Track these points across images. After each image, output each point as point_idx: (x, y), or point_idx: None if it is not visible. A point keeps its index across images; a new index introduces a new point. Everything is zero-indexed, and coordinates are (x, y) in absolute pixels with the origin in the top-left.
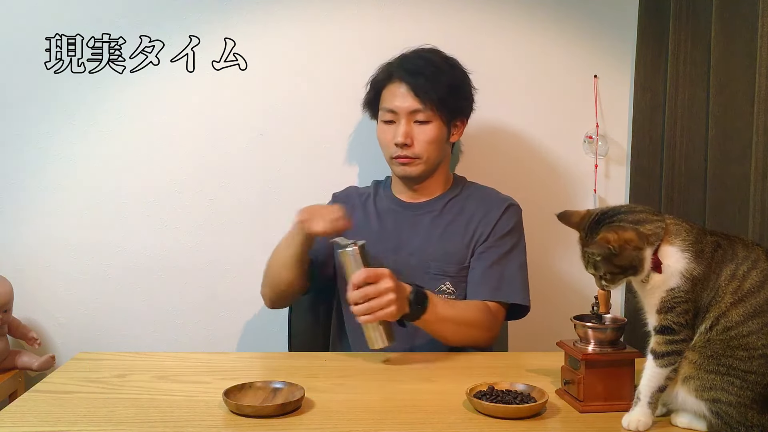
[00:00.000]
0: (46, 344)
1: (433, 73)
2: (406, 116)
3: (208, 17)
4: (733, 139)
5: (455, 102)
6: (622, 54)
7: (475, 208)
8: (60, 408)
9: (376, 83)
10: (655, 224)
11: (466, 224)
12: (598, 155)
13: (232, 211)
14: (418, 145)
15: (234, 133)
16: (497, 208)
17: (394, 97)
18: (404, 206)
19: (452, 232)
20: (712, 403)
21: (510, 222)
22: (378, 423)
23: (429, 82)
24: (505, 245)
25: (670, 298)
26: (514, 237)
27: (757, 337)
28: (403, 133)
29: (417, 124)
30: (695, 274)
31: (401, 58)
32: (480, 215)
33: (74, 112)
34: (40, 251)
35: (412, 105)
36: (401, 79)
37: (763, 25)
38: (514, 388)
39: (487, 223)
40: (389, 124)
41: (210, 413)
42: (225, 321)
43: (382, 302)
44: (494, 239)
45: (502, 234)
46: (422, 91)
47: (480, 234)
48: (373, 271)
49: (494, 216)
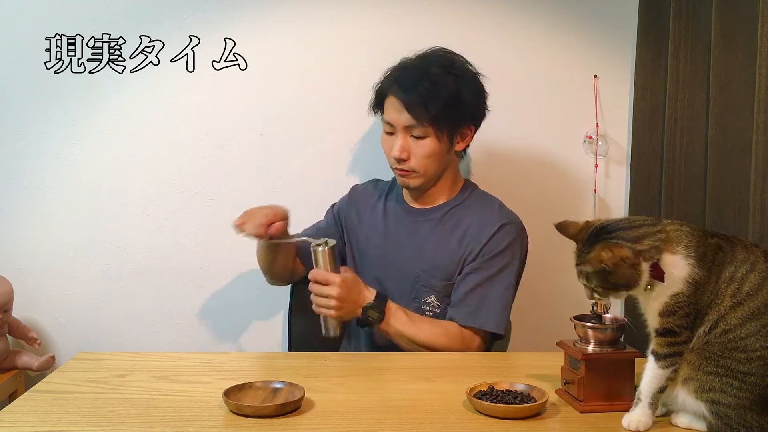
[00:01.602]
0: (46, 344)
1: (429, 89)
2: (402, 130)
3: (208, 17)
4: (733, 139)
5: (455, 114)
6: (622, 54)
7: (472, 221)
8: (60, 408)
9: (379, 93)
10: (655, 237)
11: (460, 238)
12: (598, 155)
13: (232, 211)
14: (415, 160)
15: (234, 133)
16: (491, 225)
17: (391, 110)
18: (408, 211)
19: (446, 245)
20: (711, 404)
21: (502, 242)
22: (378, 423)
23: (422, 99)
24: (493, 267)
25: (674, 302)
26: (505, 258)
27: (755, 339)
28: (399, 148)
29: (413, 138)
30: (698, 278)
31: (399, 69)
32: (474, 230)
33: (74, 112)
34: (40, 251)
35: (407, 121)
36: (395, 94)
37: (763, 25)
38: (514, 388)
39: (478, 240)
40: (389, 135)
41: (210, 413)
42: (225, 321)
43: (324, 303)
44: (482, 260)
45: (492, 255)
46: (415, 108)
47: (470, 251)
48: (322, 274)
49: (487, 234)
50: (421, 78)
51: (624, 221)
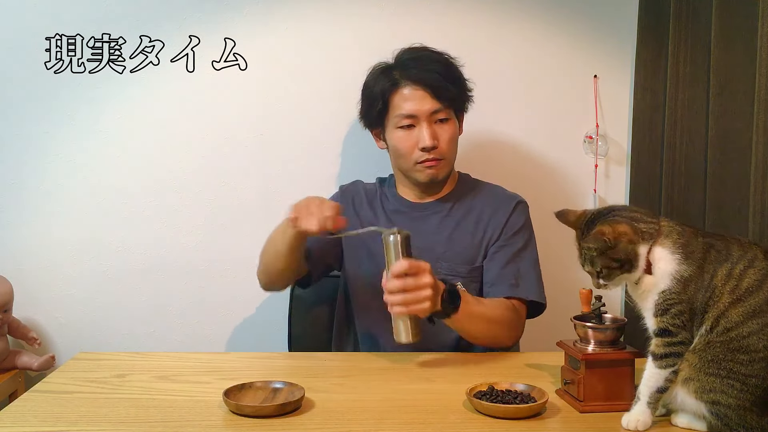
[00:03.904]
0: (46, 344)
1: (445, 70)
2: (427, 118)
3: (208, 17)
4: (733, 139)
5: (463, 96)
6: (622, 54)
7: (484, 206)
8: (60, 408)
9: (383, 92)
10: (649, 224)
11: (475, 223)
12: (598, 155)
13: (232, 211)
14: (444, 145)
15: (234, 133)
16: (506, 206)
17: (409, 101)
18: (412, 206)
19: (461, 231)
20: (711, 404)
21: (520, 219)
22: (378, 423)
23: (443, 79)
24: (518, 243)
25: (663, 300)
26: (526, 234)
27: (758, 338)
28: (431, 135)
29: (437, 124)
30: (685, 275)
31: (402, 61)
32: (489, 214)
33: (74, 112)
34: (40, 251)
35: (433, 106)
36: (416, 81)
37: (763, 26)
38: (514, 388)
39: (497, 222)
40: (407, 129)
41: (210, 413)
42: (225, 321)
43: (419, 297)
44: (506, 238)
45: (514, 232)
46: (440, 90)
47: (491, 233)
48: (415, 264)
49: (504, 214)
50: (434, 63)
51: (622, 207)
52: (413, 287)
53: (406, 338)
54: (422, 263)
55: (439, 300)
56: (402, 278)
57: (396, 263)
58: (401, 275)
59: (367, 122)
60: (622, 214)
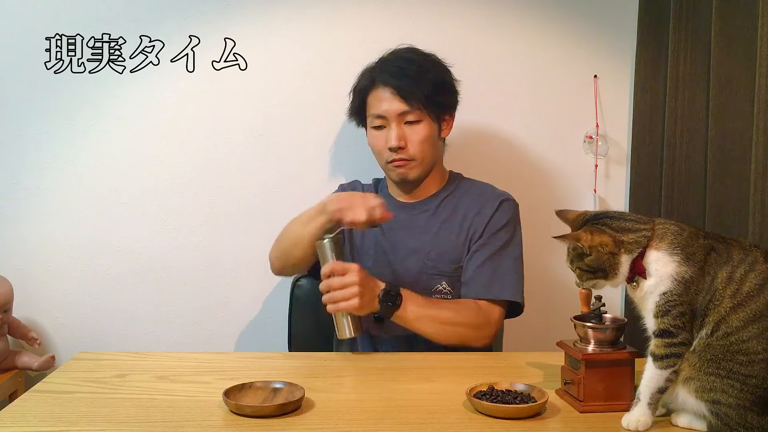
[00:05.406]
0: (46, 344)
1: (417, 72)
2: (396, 119)
3: (208, 17)
4: (733, 139)
5: (441, 98)
6: (622, 54)
7: (470, 204)
8: (60, 408)
9: (360, 91)
10: (640, 233)
11: (460, 222)
12: (598, 155)
13: (232, 211)
14: (412, 146)
15: (234, 133)
16: (491, 203)
17: (380, 102)
18: (400, 206)
19: (447, 230)
20: (711, 404)
21: (504, 217)
22: (378, 423)
23: (413, 82)
24: (499, 241)
25: (664, 302)
26: (509, 232)
27: (757, 342)
28: (396, 137)
29: (408, 125)
30: (686, 276)
31: (381, 62)
32: (474, 212)
33: (74, 112)
34: (40, 251)
35: (400, 107)
36: (385, 83)
37: (763, 25)
38: (514, 388)
39: (481, 219)
40: (379, 129)
41: (210, 413)
42: (225, 321)
43: (345, 294)
44: (488, 236)
45: (496, 230)
46: (408, 91)
47: (474, 231)
48: (340, 264)
49: (488, 212)
50: (408, 64)
51: (617, 213)
52: (338, 286)
53: (348, 334)
54: (349, 264)
55: (375, 299)
56: (329, 279)
57: (328, 264)
58: (327, 275)
59: (354, 120)
60: (611, 224)
